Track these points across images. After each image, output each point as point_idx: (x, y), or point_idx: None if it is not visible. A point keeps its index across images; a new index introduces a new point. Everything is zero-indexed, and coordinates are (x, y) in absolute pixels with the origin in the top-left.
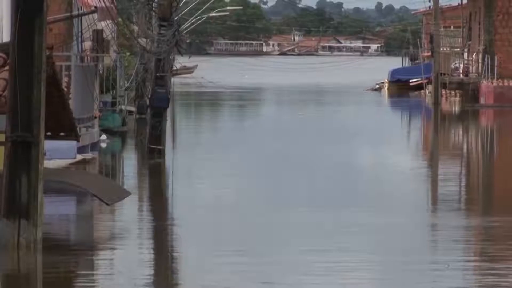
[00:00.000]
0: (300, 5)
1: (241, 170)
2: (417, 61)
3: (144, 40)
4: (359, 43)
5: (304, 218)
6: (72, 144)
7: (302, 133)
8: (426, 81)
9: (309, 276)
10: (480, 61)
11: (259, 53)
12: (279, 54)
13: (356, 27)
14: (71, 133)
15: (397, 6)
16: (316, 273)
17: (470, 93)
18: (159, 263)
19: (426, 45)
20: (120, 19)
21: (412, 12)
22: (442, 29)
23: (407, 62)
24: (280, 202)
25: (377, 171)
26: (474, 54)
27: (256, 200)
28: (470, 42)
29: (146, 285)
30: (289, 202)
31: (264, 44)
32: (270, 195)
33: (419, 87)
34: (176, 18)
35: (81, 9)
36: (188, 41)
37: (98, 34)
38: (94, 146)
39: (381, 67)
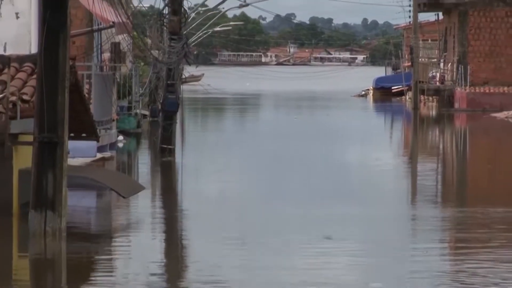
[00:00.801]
0: (294, 21)
1: (243, 167)
2: (399, 70)
3: (157, 51)
4: (347, 55)
5: (298, 210)
6: (92, 144)
7: (297, 134)
8: (406, 88)
9: (301, 259)
10: (454, 70)
11: (258, 63)
12: (276, 64)
13: (345, 40)
14: (92, 134)
15: (381, 22)
16: (308, 257)
17: (445, 98)
18: (169, 249)
19: (406, 56)
20: (135, 33)
21: (394, 27)
22: (420, 42)
23: (389, 71)
24: (277, 196)
25: (363, 167)
26: (449, 64)
27: (256, 193)
28: (445, 53)
29: (158, 269)
30: (285, 195)
31: (262, 55)
32: (269, 190)
33: (400, 93)
34: (184, 32)
35: (100, 24)
36: (195, 52)
37: (115, 46)
38: (112, 145)
39: (367, 76)
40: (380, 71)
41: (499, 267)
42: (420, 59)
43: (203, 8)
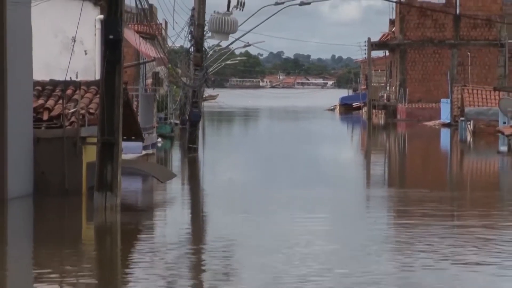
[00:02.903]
0: (283, 56)
1: (247, 160)
2: (357, 92)
3: (185, 78)
4: (320, 80)
5: (287, 192)
6: (139, 144)
7: (286, 136)
8: (363, 104)
9: (288, 226)
10: (397, 91)
11: (257, 87)
12: (270, 87)
13: (319, 70)
14: (139, 137)
15: (344, 57)
16: (294, 225)
17: (391, 111)
18: (194, 218)
19: (363, 82)
20: (170, 65)
21: (354, 61)
22: (373, 71)
23: (351, 92)
24: (271, 182)
25: (331, 160)
26: (393, 87)
27: (257, 180)
28: (391, 79)
29: (186, 232)
30: (277, 181)
31: (260, 81)
32: (265, 177)
33: (358, 108)
34: (205, 64)
35: (144, 59)
36: (212, 79)
37: (156, 75)
38: (153, 145)
39: (334, 96)
40: (344, 92)
41: (431, 230)
42: (372, 84)
43: (218, 47)
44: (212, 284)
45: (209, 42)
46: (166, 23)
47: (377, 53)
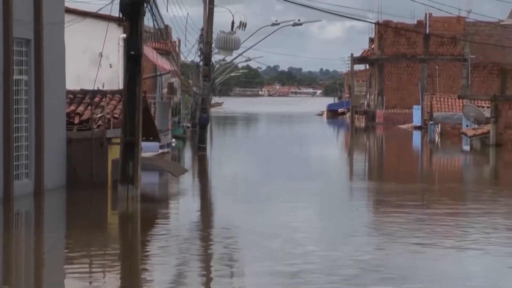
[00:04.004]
0: (279, 69)
1: (249, 158)
2: (342, 99)
3: (195, 88)
4: (310, 90)
5: (283, 184)
6: (156, 143)
7: (282, 137)
8: (346, 110)
9: (286, 214)
10: (376, 99)
11: (257, 95)
12: (268, 96)
13: (309, 81)
14: (156, 138)
15: (331, 70)
16: (289, 212)
17: (370, 116)
18: (203, 207)
19: (347, 91)
20: (182, 77)
21: (339, 73)
22: (355, 82)
23: (336, 100)
24: (268, 176)
25: (320, 158)
26: (373, 95)
27: (256, 175)
28: (370, 89)
29: (196, 219)
30: (273, 176)
31: (259, 90)
32: (264, 172)
33: (343, 113)
34: (212, 76)
35: (161, 71)
36: (219, 88)
37: (170, 85)
38: (168, 145)
39: (322, 103)
40: (330, 100)
41: (404, 216)
42: (355, 93)
43: (223, 62)
44: (219, 262)
45: (216, 57)
46: (179, 40)
47: (359, 67)
